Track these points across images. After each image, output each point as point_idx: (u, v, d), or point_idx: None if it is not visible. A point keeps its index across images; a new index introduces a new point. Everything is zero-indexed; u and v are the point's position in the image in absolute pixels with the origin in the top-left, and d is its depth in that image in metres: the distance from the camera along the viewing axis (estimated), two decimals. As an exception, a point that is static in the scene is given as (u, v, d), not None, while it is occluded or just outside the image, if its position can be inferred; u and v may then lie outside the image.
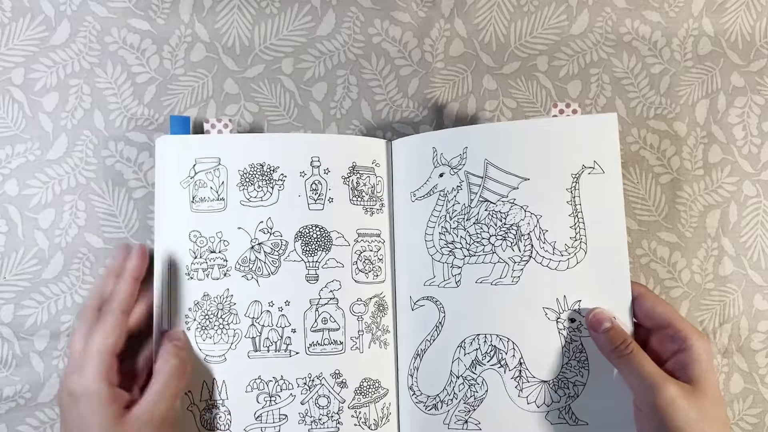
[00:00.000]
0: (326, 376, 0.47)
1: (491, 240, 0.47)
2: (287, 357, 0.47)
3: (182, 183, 0.48)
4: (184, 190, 0.48)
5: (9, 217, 0.51)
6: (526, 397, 0.45)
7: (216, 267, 0.47)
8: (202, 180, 0.48)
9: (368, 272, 0.49)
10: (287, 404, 0.47)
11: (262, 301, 0.47)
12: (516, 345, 0.46)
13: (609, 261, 0.45)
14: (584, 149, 0.45)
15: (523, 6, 0.55)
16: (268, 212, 0.48)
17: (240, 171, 0.48)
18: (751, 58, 0.55)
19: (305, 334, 0.47)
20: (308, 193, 0.48)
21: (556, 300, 0.45)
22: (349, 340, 0.48)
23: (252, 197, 0.48)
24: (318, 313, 0.47)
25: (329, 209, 0.48)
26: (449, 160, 0.48)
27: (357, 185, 0.49)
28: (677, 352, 0.42)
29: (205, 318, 0.47)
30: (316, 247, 0.48)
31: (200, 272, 0.47)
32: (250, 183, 0.48)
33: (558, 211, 0.46)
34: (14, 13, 0.52)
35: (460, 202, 0.47)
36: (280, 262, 0.48)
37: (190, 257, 0.47)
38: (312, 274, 0.48)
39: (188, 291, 0.47)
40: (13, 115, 0.52)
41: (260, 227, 0.48)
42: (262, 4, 0.54)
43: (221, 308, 0.47)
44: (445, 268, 0.48)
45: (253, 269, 0.47)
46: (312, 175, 0.48)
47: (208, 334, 0.46)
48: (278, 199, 0.48)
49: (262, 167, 0.48)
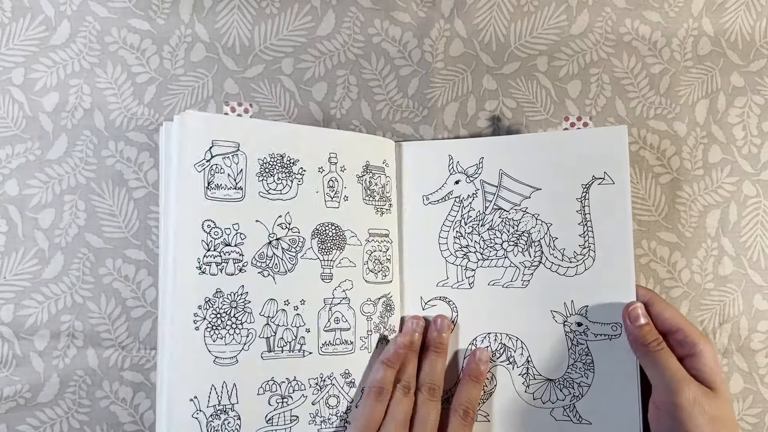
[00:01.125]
0: (336, 375, 0.47)
1: (504, 245, 0.49)
2: (301, 357, 0.46)
3: (197, 166, 0.44)
4: (198, 174, 0.44)
5: (9, 217, 0.51)
6: (532, 393, 0.48)
7: (231, 261, 0.44)
8: (219, 165, 0.44)
9: (377, 272, 0.49)
10: (299, 405, 0.45)
11: (278, 300, 0.45)
12: (524, 344, 0.48)
13: (616, 268, 0.47)
14: (595, 161, 0.48)
15: (523, 6, 0.55)
16: (287, 206, 0.46)
17: (260, 160, 0.46)
18: (751, 58, 0.55)
19: (318, 333, 0.46)
20: (325, 189, 0.47)
21: (563, 304, 0.48)
22: (358, 340, 0.47)
23: (271, 189, 0.46)
24: (331, 312, 0.47)
25: (345, 207, 0.48)
26: (465, 169, 0.50)
27: (369, 185, 0.49)
28: (687, 356, 0.43)
29: (217, 317, 0.44)
30: (332, 245, 0.47)
31: (213, 266, 0.44)
32: (270, 174, 0.46)
33: (568, 220, 0.48)
34: (14, 13, 0.52)
35: (475, 208, 0.50)
36: (297, 259, 0.46)
37: (202, 249, 0.43)
38: (327, 273, 0.47)
39: (199, 286, 0.43)
40: (13, 115, 0.52)
41: (278, 222, 0.46)
42: (262, 4, 0.54)
43: (235, 306, 0.44)
44: (459, 270, 0.50)
45: (270, 266, 0.45)
46: (330, 172, 0.48)
47: (219, 334, 0.43)
48: (297, 194, 0.47)
49: (282, 158, 0.46)
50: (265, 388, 0.45)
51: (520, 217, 0.49)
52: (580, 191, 0.48)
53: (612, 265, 0.47)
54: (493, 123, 0.54)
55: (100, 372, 0.50)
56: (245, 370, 0.44)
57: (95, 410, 0.50)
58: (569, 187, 0.48)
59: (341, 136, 0.49)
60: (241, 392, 0.44)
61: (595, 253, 0.47)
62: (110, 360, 0.50)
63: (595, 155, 0.48)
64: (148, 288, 0.51)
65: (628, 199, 0.47)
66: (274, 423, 0.45)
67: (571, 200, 0.48)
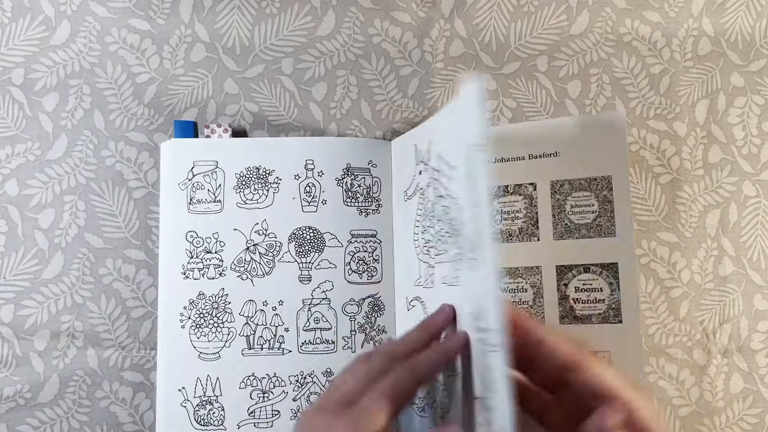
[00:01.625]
0: (318, 374, 0.49)
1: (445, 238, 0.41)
2: (280, 355, 0.48)
3: (180, 185, 0.49)
4: (182, 191, 0.49)
5: (9, 217, 0.51)
6: None
7: (212, 267, 0.49)
8: (199, 182, 0.50)
9: (362, 273, 0.50)
10: (280, 401, 0.48)
11: (257, 301, 0.49)
12: None
13: None
14: None
15: (523, 6, 0.55)
16: (263, 214, 0.49)
17: (237, 174, 0.50)
18: (751, 58, 0.55)
19: (298, 333, 0.49)
20: (302, 195, 0.50)
21: None
22: (340, 340, 0.49)
23: (248, 199, 0.50)
24: (310, 312, 0.49)
25: (322, 211, 0.50)
26: (423, 156, 0.45)
27: (351, 187, 0.50)
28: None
29: (200, 316, 0.48)
30: (309, 248, 0.49)
31: (196, 271, 0.49)
32: (246, 186, 0.50)
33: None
34: (14, 13, 0.52)
35: (430, 199, 0.44)
36: (275, 262, 0.49)
37: (186, 257, 0.49)
38: (305, 274, 0.49)
39: (184, 289, 0.48)
40: (13, 115, 0.52)
41: (255, 229, 0.49)
42: (262, 4, 0.54)
43: (216, 307, 0.48)
44: (424, 267, 0.45)
45: (248, 269, 0.49)
46: (306, 178, 0.50)
47: (203, 332, 0.48)
48: (273, 202, 0.50)
49: (258, 170, 0.50)
50: (247, 383, 0.48)
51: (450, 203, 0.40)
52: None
53: None
54: (493, 123, 0.54)
55: (100, 372, 0.50)
56: (227, 365, 0.48)
57: (95, 410, 0.50)
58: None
59: (319, 143, 0.51)
60: (224, 385, 0.48)
61: None
62: (110, 360, 0.50)
63: None
64: (148, 288, 0.51)
65: None
66: (256, 416, 0.48)
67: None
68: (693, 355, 0.52)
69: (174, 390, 0.48)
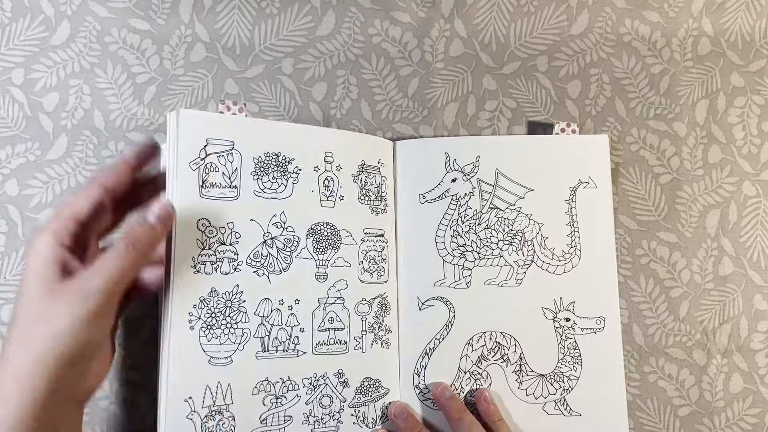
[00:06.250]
0: (330, 375, 0.46)
1: (499, 244, 0.50)
2: (295, 357, 0.45)
3: (191, 164, 0.43)
4: (193, 172, 0.43)
5: (9, 217, 0.51)
6: (525, 389, 0.49)
7: (226, 260, 0.44)
8: (213, 163, 0.44)
9: (372, 272, 0.49)
10: (293, 405, 0.45)
11: (273, 299, 0.45)
12: (517, 342, 0.49)
13: (600, 266, 0.50)
14: (580, 165, 0.51)
15: (523, 6, 0.55)
16: (281, 206, 0.46)
17: (255, 159, 0.45)
18: (750, 58, 0.55)
19: (313, 333, 0.46)
20: (321, 189, 0.47)
21: (553, 301, 0.50)
22: (352, 340, 0.47)
23: (266, 188, 0.45)
24: (326, 312, 0.46)
25: (340, 207, 0.48)
26: (462, 167, 0.51)
27: (365, 184, 0.49)
28: None
29: (212, 316, 0.43)
30: (327, 245, 0.47)
31: (208, 265, 0.43)
32: (265, 173, 0.45)
33: (557, 220, 0.50)
34: (14, 13, 0.52)
35: (472, 207, 0.51)
36: (292, 258, 0.46)
37: (197, 248, 0.43)
38: (321, 272, 0.47)
39: (194, 286, 0.42)
40: (13, 115, 0.52)
41: (273, 221, 0.45)
42: (262, 4, 0.54)
43: (229, 305, 0.43)
44: (456, 269, 0.50)
45: (265, 265, 0.45)
46: (325, 171, 0.48)
47: (214, 334, 0.43)
48: (292, 193, 0.46)
49: (278, 157, 0.46)
50: (260, 388, 0.44)
51: (514, 216, 0.50)
52: (568, 193, 0.51)
53: (596, 262, 0.50)
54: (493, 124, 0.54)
55: (100, 372, 0.50)
56: (240, 370, 0.43)
57: (95, 410, 0.50)
58: (559, 189, 0.51)
59: (337, 136, 0.49)
60: (235, 392, 0.43)
61: (581, 252, 0.50)
62: (110, 360, 0.50)
63: (580, 160, 0.51)
64: (148, 288, 0.51)
65: (610, 202, 0.50)
66: (268, 423, 0.44)
67: (560, 201, 0.51)
68: (693, 355, 0.52)
69: (179, 401, 0.42)
